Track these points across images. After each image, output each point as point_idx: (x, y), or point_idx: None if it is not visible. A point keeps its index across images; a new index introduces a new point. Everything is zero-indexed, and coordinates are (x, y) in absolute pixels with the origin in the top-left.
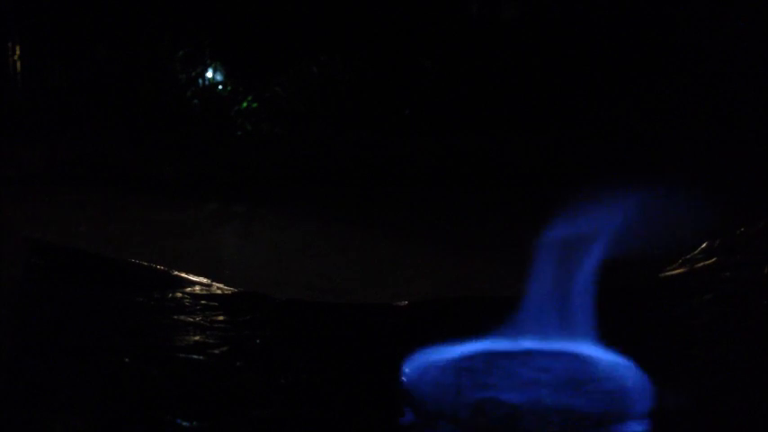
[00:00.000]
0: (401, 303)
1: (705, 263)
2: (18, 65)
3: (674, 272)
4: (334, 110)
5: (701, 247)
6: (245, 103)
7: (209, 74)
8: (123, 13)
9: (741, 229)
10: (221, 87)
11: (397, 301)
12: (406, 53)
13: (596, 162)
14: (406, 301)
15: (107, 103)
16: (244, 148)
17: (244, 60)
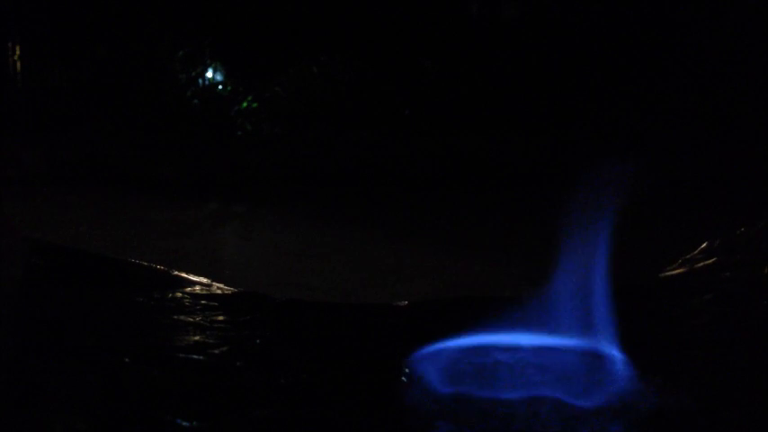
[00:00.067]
0: (401, 303)
1: (705, 263)
2: (18, 65)
3: (674, 272)
4: (334, 110)
5: (700, 247)
6: (245, 103)
7: (209, 74)
8: (123, 13)
9: (741, 229)
10: (221, 87)
11: (397, 301)
12: (406, 53)
13: (596, 162)
14: (406, 301)
15: (107, 103)
16: (244, 148)
17: (244, 60)
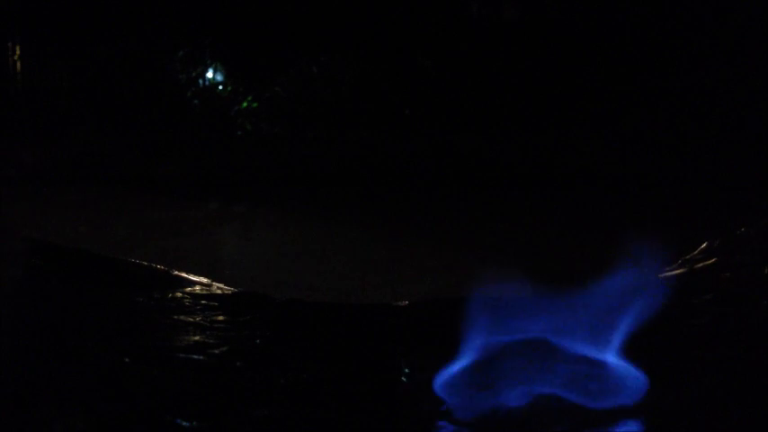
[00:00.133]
0: (401, 303)
1: (705, 263)
2: (18, 65)
3: (674, 272)
4: (334, 110)
5: (700, 247)
6: (245, 103)
7: (209, 74)
8: (123, 13)
9: (741, 229)
10: (221, 87)
11: (397, 301)
12: (406, 53)
13: (596, 162)
14: (406, 301)
15: (107, 103)
16: (244, 148)
17: (244, 60)
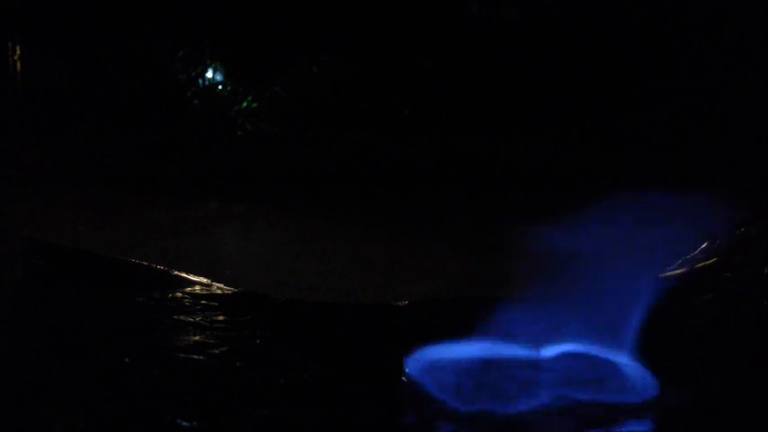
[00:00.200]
0: (401, 303)
1: (705, 263)
2: (18, 65)
3: (673, 272)
4: (334, 110)
5: (701, 247)
6: (245, 103)
7: (209, 74)
8: (123, 13)
9: (741, 229)
10: (221, 87)
11: (397, 301)
12: (406, 53)
13: (596, 162)
14: (406, 301)
15: (107, 103)
16: (244, 148)
17: (244, 60)
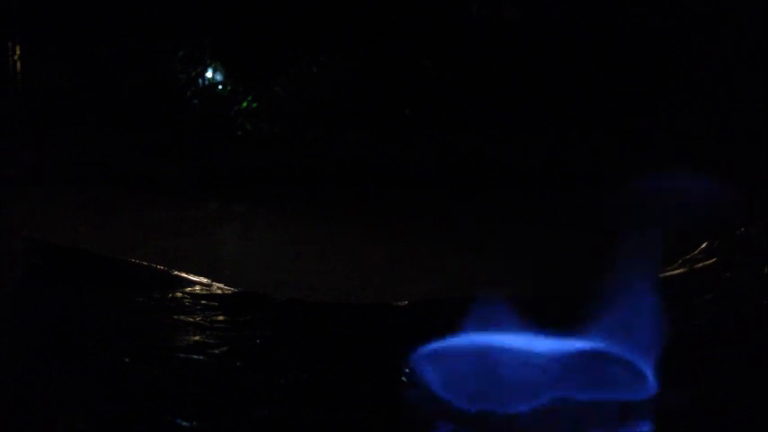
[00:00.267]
0: (401, 303)
1: (705, 263)
2: (18, 65)
3: (674, 272)
4: (334, 110)
5: (700, 247)
6: (245, 103)
7: (209, 74)
8: (123, 12)
9: (741, 229)
10: (221, 87)
11: (397, 301)
12: (406, 53)
13: (596, 162)
14: (406, 301)
15: (107, 103)
16: (244, 148)
17: (244, 60)
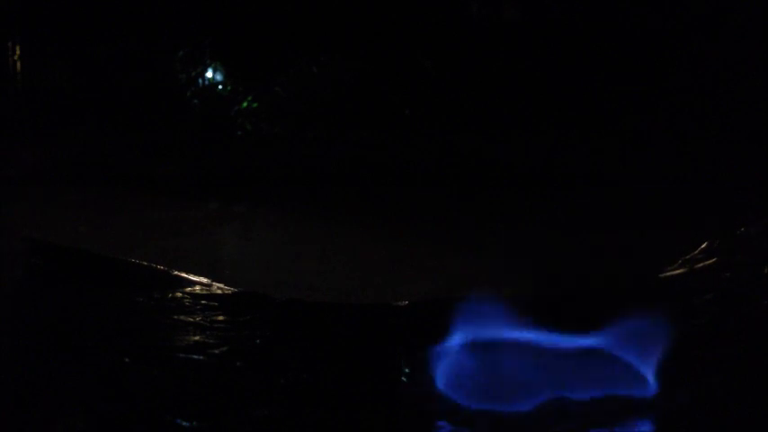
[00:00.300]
0: (401, 303)
1: (705, 263)
2: (18, 65)
3: (674, 272)
4: (334, 110)
5: (701, 247)
6: (245, 103)
7: (209, 74)
8: (123, 12)
9: (741, 229)
10: (221, 87)
11: (397, 301)
12: (406, 53)
13: (596, 162)
14: (406, 301)
15: (107, 103)
16: (244, 148)
17: (244, 60)
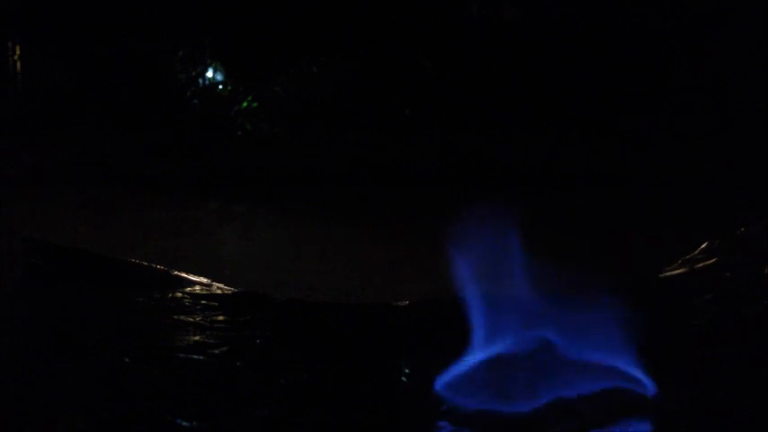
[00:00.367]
0: (401, 303)
1: (705, 263)
2: (18, 65)
3: (674, 272)
4: (334, 110)
5: (701, 247)
6: (245, 103)
7: (209, 74)
8: (123, 12)
9: (741, 229)
10: (221, 87)
11: (397, 301)
12: (406, 53)
13: (596, 162)
14: (407, 301)
15: (107, 103)
16: (244, 148)
17: (244, 60)
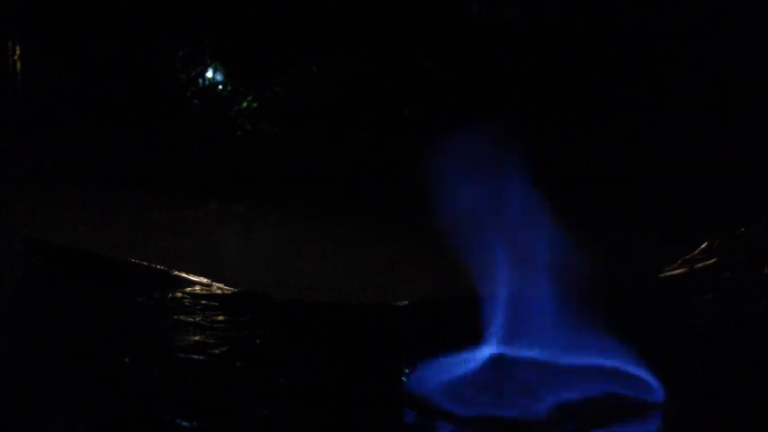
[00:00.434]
0: (401, 303)
1: (705, 263)
2: (18, 65)
3: (674, 272)
4: (334, 110)
5: (701, 247)
6: (245, 103)
7: (209, 74)
8: (123, 12)
9: (741, 229)
10: (221, 87)
11: (397, 301)
12: (406, 53)
13: (596, 162)
14: (407, 301)
15: (107, 103)
16: (244, 148)
17: (244, 60)
